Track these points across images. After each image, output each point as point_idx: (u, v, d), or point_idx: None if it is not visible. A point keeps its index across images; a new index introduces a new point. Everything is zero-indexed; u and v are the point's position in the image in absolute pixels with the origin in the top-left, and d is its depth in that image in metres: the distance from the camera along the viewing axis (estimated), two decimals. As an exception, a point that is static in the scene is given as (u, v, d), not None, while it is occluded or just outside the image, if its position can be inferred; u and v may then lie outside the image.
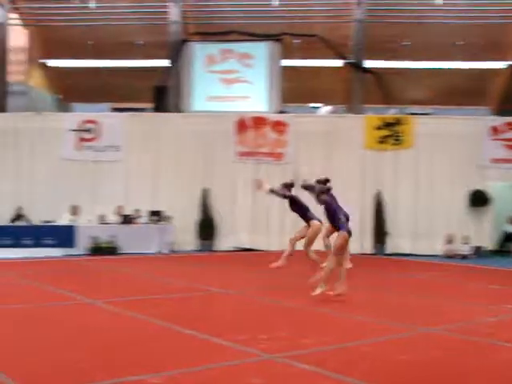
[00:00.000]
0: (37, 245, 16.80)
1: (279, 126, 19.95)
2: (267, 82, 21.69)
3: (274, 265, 11.47)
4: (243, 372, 5.66)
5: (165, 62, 22.52)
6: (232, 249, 19.49)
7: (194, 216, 19.54)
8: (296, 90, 23.10)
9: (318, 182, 12.66)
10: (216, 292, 10.55)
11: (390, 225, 19.45)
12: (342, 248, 9.88)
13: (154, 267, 14.85)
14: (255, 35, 21.92)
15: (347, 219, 12.13)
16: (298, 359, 6.02)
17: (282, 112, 21.26)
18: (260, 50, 21.85)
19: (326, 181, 12.66)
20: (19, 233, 16.91)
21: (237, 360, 6.04)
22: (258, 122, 19.91)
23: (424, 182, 19.62)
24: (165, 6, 22.50)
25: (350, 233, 9.88)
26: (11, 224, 17.54)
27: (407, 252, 19.16)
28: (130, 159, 19.98)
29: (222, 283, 11.60)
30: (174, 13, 22.33)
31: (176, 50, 22.01)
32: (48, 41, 25.13)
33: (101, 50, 24.32)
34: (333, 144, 19.82)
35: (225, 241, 19.70)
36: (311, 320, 8.36)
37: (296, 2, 22.59)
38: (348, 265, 12.58)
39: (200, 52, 22.04)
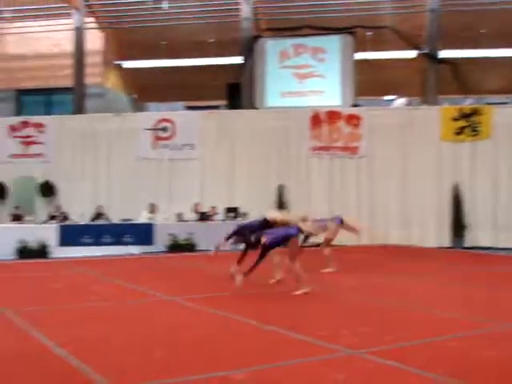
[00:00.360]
0: (116, 243, 17.11)
1: (353, 120, 19.78)
2: (340, 76, 21.57)
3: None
4: (326, 367, 5.64)
5: (237, 59, 22.69)
6: (308, 244, 19.43)
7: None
8: (369, 82, 22.90)
9: None
10: (294, 288, 10.53)
11: (469, 217, 19.02)
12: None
13: (231, 264, 14.92)
14: (327, 29, 21.82)
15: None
16: (380, 355, 5.97)
17: (355, 105, 21.09)
18: (332, 44, 21.75)
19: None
20: (99, 231, 17.23)
21: (319, 356, 6.01)
22: (332, 116, 19.78)
23: (503, 173, 19.06)
24: (236, 4, 22.65)
25: None
26: (92, 223, 17.91)
27: (487, 245, 18.72)
28: (205, 157, 20.19)
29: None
30: (245, 10, 22.44)
31: (248, 47, 22.12)
32: (122, 43, 25.65)
33: (174, 50, 24.67)
34: (408, 136, 19.51)
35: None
36: (393, 316, 8.26)
37: (368, -7, 22.41)
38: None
39: (273, 48, 22.09)
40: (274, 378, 5.37)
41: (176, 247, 17.16)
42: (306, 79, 21.76)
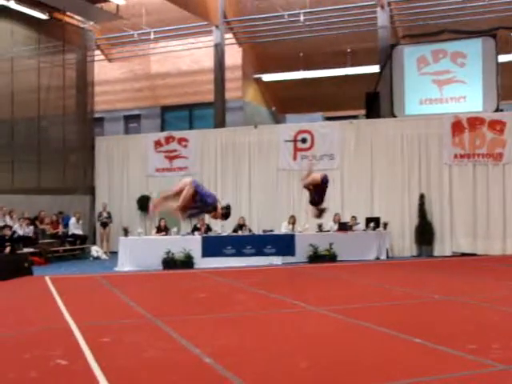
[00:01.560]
0: (258, 253, 17.39)
1: (497, 125, 19.11)
2: (482, 81, 20.89)
3: None
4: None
5: (375, 68, 22.54)
6: (451, 254, 18.99)
7: (410, 221, 19.31)
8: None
9: None
10: (439, 299, 10.33)
11: None
12: None
13: (373, 274, 14.84)
14: (467, 32, 21.24)
15: None
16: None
17: (499, 110, 20.38)
18: (473, 48, 21.10)
19: None
20: (241, 242, 17.59)
21: (470, 370, 5.84)
22: (475, 122, 19.19)
23: None
24: (373, 12, 22.48)
25: None
26: (234, 234, 18.29)
27: None
28: (345, 166, 20.16)
29: (445, 290, 11.34)
30: (381, 18, 22.22)
31: (386, 55, 21.91)
32: (260, 56, 26.12)
33: (311, 61, 24.85)
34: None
35: (443, 246, 19.19)
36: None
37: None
38: None
39: (411, 55, 21.76)
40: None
41: (317, 258, 17.22)
42: (446, 85, 21.26)
